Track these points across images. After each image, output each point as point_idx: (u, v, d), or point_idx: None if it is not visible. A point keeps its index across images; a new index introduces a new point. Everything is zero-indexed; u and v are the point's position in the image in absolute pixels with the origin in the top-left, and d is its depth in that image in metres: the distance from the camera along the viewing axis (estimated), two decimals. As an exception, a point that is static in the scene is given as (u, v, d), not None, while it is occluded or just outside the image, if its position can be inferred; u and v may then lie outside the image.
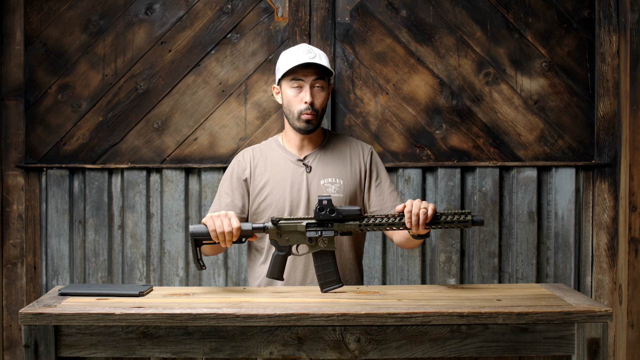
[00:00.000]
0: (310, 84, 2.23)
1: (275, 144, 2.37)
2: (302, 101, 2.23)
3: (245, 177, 2.32)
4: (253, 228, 2.06)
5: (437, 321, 1.81)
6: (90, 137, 3.15)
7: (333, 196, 2.26)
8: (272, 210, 2.28)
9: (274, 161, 2.33)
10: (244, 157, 2.35)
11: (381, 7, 3.12)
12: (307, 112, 2.23)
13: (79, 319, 1.81)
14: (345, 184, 2.30)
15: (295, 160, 2.32)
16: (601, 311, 1.82)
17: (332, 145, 2.36)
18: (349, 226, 2.03)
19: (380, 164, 2.38)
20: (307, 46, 2.27)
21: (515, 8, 3.12)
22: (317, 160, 2.32)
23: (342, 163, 2.33)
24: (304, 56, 2.22)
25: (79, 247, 3.15)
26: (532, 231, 3.12)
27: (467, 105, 3.13)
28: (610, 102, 3.12)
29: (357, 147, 2.38)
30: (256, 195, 2.30)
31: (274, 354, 1.83)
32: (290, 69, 2.23)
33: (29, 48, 3.14)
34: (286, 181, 2.29)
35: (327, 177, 2.29)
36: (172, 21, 3.13)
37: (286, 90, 2.26)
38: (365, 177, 2.34)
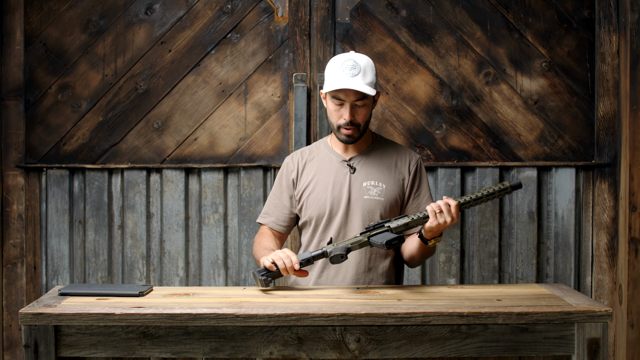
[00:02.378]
0: (352, 103, 2.23)
1: (323, 145, 2.41)
2: (341, 117, 2.24)
3: (293, 178, 2.38)
4: (313, 257, 2.10)
5: (437, 321, 1.81)
6: (90, 137, 3.15)
7: (374, 199, 2.28)
8: (315, 207, 2.31)
9: (321, 161, 2.37)
10: (292, 159, 2.41)
11: (381, 7, 3.12)
12: (347, 127, 2.25)
13: (79, 319, 1.81)
14: (387, 189, 2.31)
15: (340, 160, 2.35)
16: (601, 311, 1.82)
17: (379, 150, 2.38)
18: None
19: (424, 175, 2.39)
20: (352, 59, 2.23)
21: (515, 8, 3.12)
22: (362, 162, 2.34)
23: (386, 168, 2.34)
24: (347, 75, 2.19)
25: (79, 247, 3.15)
26: (532, 231, 3.12)
27: (467, 105, 3.13)
28: (610, 102, 3.12)
29: (405, 155, 2.38)
30: (302, 193, 2.35)
31: (274, 354, 1.83)
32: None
33: (29, 48, 3.14)
34: (329, 180, 2.32)
35: (370, 179, 2.31)
36: (172, 21, 3.14)
37: (329, 102, 2.28)
38: (407, 185, 2.35)
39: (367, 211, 2.28)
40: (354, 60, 2.22)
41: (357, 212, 2.28)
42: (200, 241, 3.14)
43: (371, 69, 2.24)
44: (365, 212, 2.28)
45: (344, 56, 2.25)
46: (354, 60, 2.22)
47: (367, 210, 2.28)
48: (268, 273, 2.08)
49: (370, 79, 2.22)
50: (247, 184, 3.12)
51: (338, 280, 2.30)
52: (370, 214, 2.28)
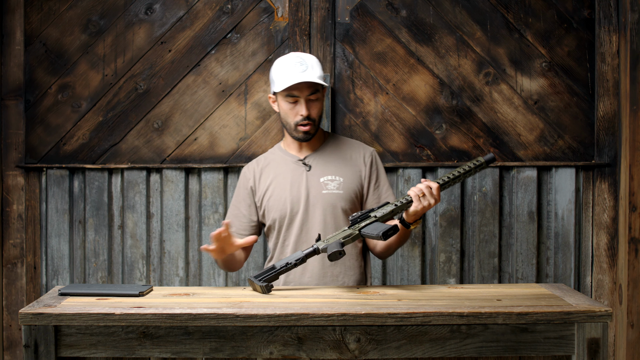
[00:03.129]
0: (306, 98, 2.26)
1: (277, 149, 2.44)
2: (298, 114, 2.28)
3: (251, 186, 2.39)
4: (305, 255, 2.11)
5: (437, 321, 1.81)
6: (90, 137, 3.15)
7: (333, 192, 2.30)
8: (276, 209, 2.32)
9: (277, 165, 2.39)
10: (248, 169, 2.43)
11: (381, 7, 3.12)
12: (304, 122, 2.28)
13: (79, 319, 1.81)
14: (345, 182, 2.33)
15: (295, 160, 2.37)
16: (601, 311, 1.82)
17: (332, 146, 2.40)
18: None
19: (381, 167, 2.41)
20: (298, 57, 2.28)
21: (515, 8, 3.12)
22: (317, 159, 2.36)
23: (342, 162, 2.36)
24: (297, 70, 2.24)
25: (79, 247, 3.15)
26: (532, 231, 3.12)
27: (467, 105, 3.13)
28: (610, 102, 3.12)
29: (359, 148, 2.41)
30: (262, 199, 2.37)
31: (274, 354, 1.83)
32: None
33: (29, 48, 3.14)
34: (286, 181, 2.34)
35: (327, 174, 2.33)
36: (172, 21, 3.13)
37: (282, 102, 2.30)
38: (365, 177, 2.37)
39: (328, 205, 2.30)
40: (300, 57, 2.27)
41: (317, 208, 2.30)
42: (200, 241, 3.14)
43: (317, 64, 2.28)
44: (325, 207, 2.30)
45: (289, 55, 2.30)
46: (301, 57, 2.27)
47: (327, 205, 2.30)
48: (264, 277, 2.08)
49: (319, 73, 2.27)
50: (247, 184, 3.11)
51: (306, 277, 2.31)
52: (331, 207, 2.30)
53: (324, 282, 2.31)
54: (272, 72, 2.32)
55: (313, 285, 2.29)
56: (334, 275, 2.32)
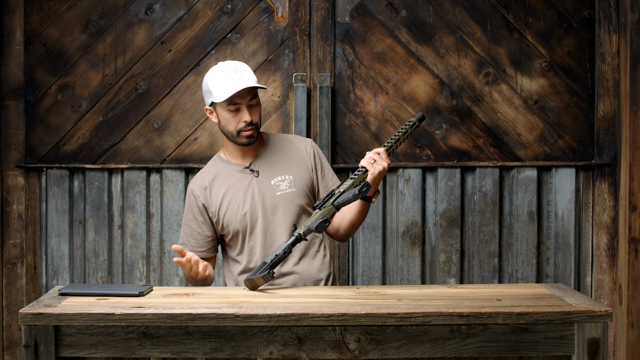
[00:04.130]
0: (247, 104, 2.27)
1: (219, 161, 2.41)
2: (241, 121, 2.27)
3: (202, 204, 2.36)
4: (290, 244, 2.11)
5: (437, 321, 1.81)
6: (90, 137, 3.15)
7: (286, 192, 2.32)
8: (235, 221, 2.32)
9: (223, 177, 2.36)
10: (194, 187, 2.39)
11: (381, 7, 3.12)
12: (247, 129, 2.27)
13: (79, 319, 1.81)
14: (295, 178, 2.34)
15: (241, 169, 2.35)
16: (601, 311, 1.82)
17: (273, 146, 2.40)
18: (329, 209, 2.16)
19: (322, 155, 2.44)
20: (232, 65, 2.28)
21: (515, 8, 3.12)
22: (262, 163, 2.36)
23: (287, 159, 2.37)
24: (234, 78, 2.24)
25: (79, 247, 3.15)
26: (532, 231, 3.12)
27: (467, 105, 3.13)
28: (610, 102, 3.12)
29: (298, 142, 2.42)
30: (217, 214, 2.34)
31: (274, 354, 1.83)
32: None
33: (29, 48, 3.14)
34: (238, 192, 2.33)
35: (276, 175, 2.34)
36: (172, 21, 3.14)
37: (222, 112, 2.28)
38: (312, 169, 2.39)
39: (285, 206, 2.31)
40: (234, 65, 2.28)
41: (276, 211, 2.31)
42: (200, 241, 3.14)
43: (250, 70, 2.30)
44: (284, 208, 2.31)
45: (221, 65, 2.29)
46: (234, 65, 2.28)
47: (285, 206, 2.31)
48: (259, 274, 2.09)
49: (254, 77, 2.28)
50: (247, 184, 3.12)
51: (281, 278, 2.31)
52: (289, 207, 2.31)
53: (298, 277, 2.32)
54: (207, 84, 2.29)
55: (289, 284, 2.30)
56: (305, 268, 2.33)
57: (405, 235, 3.13)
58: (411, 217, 3.12)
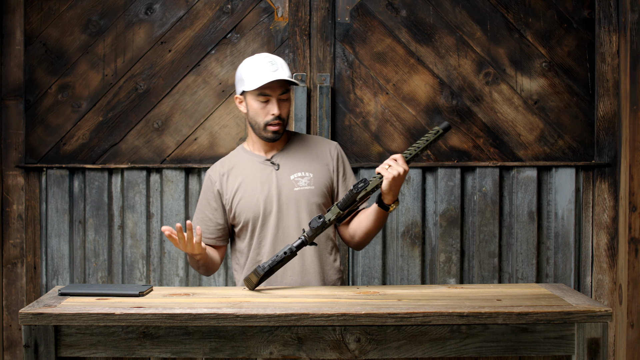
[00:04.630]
0: (277, 98, 2.26)
1: (241, 151, 2.41)
2: (269, 113, 2.27)
3: (217, 189, 2.36)
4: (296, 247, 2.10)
5: (437, 321, 1.81)
6: (90, 137, 3.15)
7: (305, 189, 2.31)
8: (248, 211, 2.30)
9: (243, 166, 2.36)
10: (213, 172, 2.39)
11: (381, 7, 3.12)
12: (275, 122, 2.27)
13: (79, 319, 1.81)
14: (315, 176, 2.33)
15: (262, 160, 2.35)
16: (601, 311, 1.82)
17: (297, 143, 2.40)
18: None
19: (346, 160, 2.43)
20: (268, 57, 2.28)
21: (515, 8, 3.12)
22: (285, 157, 2.35)
23: (309, 157, 2.36)
24: (268, 70, 2.24)
25: (79, 247, 3.15)
26: (532, 231, 3.12)
27: (467, 105, 3.13)
28: (610, 102, 3.12)
29: (323, 143, 2.41)
30: (231, 201, 2.34)
31: (274, 354, 1.83)
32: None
33: (29, 48, 3.14)
34: (256, 182, 2.32)
35: (297, 171, 2.33)
36: (172, 21, 3.14)
37: (252, 102, 2.28)
38: (333, 171, 2.38)
39: (301, 202, 2.29)
40: (270, 58, 2.28)
41: (291, 206, 2.29)
42: (200, 241, 3.14)
43: (286, 65, 2.30)
44: (299, 204, 2.29)
45: (259, 55, 2.30)
46: (270, 57, 2.28)
47: (301, 202, 2.29)
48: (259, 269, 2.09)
49: (289, 72, 2.29)
50: (247, 184, 3.11)
51: (287, 277, 2.30)
52: (305, 204, 2.29)
53: (307, 279, 2.31)
54: (240, 72, 2.30)
55: (295, 284, 2.29)
56: (316, 271, 2.31)
57: (405, 235, 3.13)
58: (411, 217, 3.13)
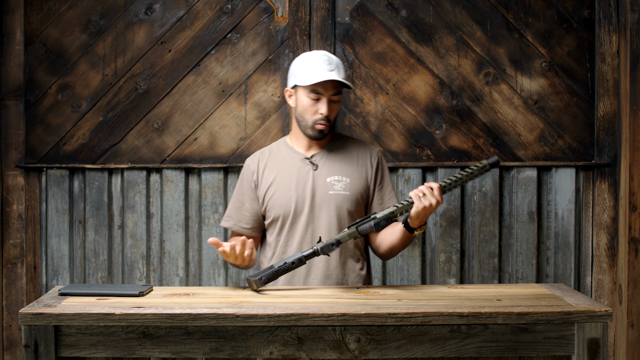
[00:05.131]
0: (328, 98, 2.23)
1: (283, 144, 2.40)
2: (317, 112, 2.24)
3: (254, 179, 2.36)
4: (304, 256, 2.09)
5: (437, 321, 1.81)
6: (90, 137, 3.15)
7: (339, 193, 2.28)
8: (279, 207, 2.29)
9: (282, 160, 2.35)
10: (252, 160, 2.39)
11: (381, 7, 3.12)
12: (322, 122, 2.24)
13: (79, 319, 1.81)
14: (352, 182, 2.31)
15: (302, 158, 2.33)
16: (601, 311, 1.82)
17: (340, 145, 2.37)
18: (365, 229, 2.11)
19: (386, 168, 2.40)
20: (326, 55, 2.25)
21: (515, 8, 3.12)
22: (324, 158, 2.33)
23: (349, 162, 2.34)
24: (325, 69, 2.21)
25: (79, 247, 3.15)
26: (532, 231, 3.12)
27: (467, 105, 3.13)
28: (610, 102, 3.12)
29: (366, 149, 2.39)
30: (265, 194, 2.33)
31: (274, 354, 1.83)
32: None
33: (29, 48, 3.14)
34: (292, 179, 2.31)
35: (334, 175, 2.30)
36: (172, 21, 3.14)
37: (302, 97, 2.26)
38: (371, 179, 2.35)
39: (334, 206, 2.27)
40: (328, 56, 2.25)
41: (323, 208, 2.28)
42: (200, 241, 3.14)
43: (343, 66, 2.28)
44: (331, 208, 2.27)
45: (317, 52, 2.27)
46: (328, 56, 2.26)
47: (333, 206, 2.27)
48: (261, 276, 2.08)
49: (345, 74, 2.26)
50: (247, 184, 3.12)
51: (310, 279, 2.29)
52: (337, 209, 2.28)
53: (329, 284, 2.30)
54: (295, 65, 2.28)
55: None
56: (339, 277, 2.30)
57: (405, 235, 3.12)
58: (411, 217, 3.12)
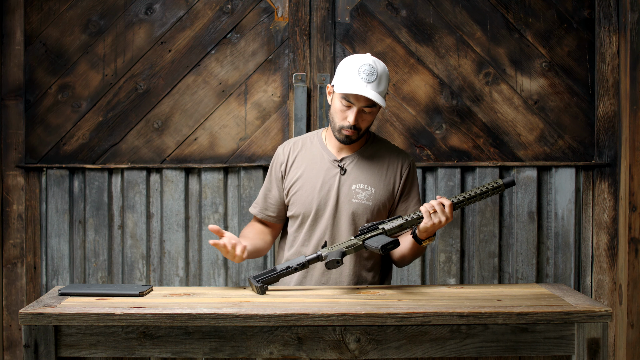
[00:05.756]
0: (359, 108, 2.20)
1: (317, 140, 2.37)
2: (346, 119, 2.21)
3: (282, 170, 2.36)
4: (308, 261, 2.10)
5: (437, 321, 1.81)
6: (90, 137, 3.15)
7: (361, 203, 2.27)
8: (301, 205, 2.29)
9: (312, 156, 2.33)
10: (283, 150, 2.38)
11: (381, 7, 3.12)
12: (348, 129, 2.22)
13: (79, 319, 1.81)
14: (376, 193, 2.28)
15: (331, 160, 2.31)
16: (601, 311, 1.82)
17: (372, 151, 2.34)
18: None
19: (415, 179, 2.36)
20: (370, 65, 2.18)
21: (515, 8, 3.12)
22: (354, 164, 2.31)
23: (377, 171, 2.31)
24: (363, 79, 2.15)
25: (79, 247, 3.15)
26: (532, 231, 3.12)
27: (467, 105, 3.13)
28: (610, 102, 3.12)
29: (398, 158, 2.35)
30: (289, 188, 2.33)
31: (274, 354, 1.83)
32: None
33: (29, 48, 3.14)
34: (318, 179, 2.29)
35: (360, 182, 2.28)
36: (172, 21, 3.14)
37: (336, 100, 2.24)
38: (397, 191, 2.32)
39: (354, 215, 2.26)
40: (372, 66, 2.18)
41: (343, 215, 2.27)
42: (200, 241, 3.14)
43: (386, 78, 2.21)
44: (351, 216, 2.26)
45: (363, 58, 2.20)
46: (372, 66, 2.18)
47: (354, 214, 2.26)
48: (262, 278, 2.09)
49: (384, 87, 2.20)
50: (247, 184, 3.12)
51: (324, 279, 2.29)
52: (357, 217, 2.26)
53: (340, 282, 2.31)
54: (340, 66, 2.24)
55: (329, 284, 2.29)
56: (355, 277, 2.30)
57: (405, 235, 3.13)
58: (411, 217, 3.12)
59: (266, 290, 2.07)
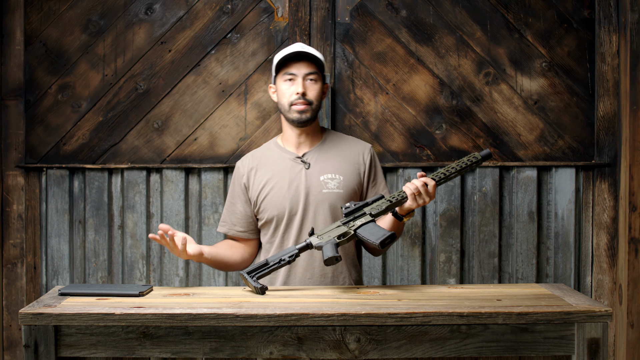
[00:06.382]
0: (303, 77, 2.26)
1: (274, 145, 2.40)
2: (293, 93, 2.25)
3: (244, 182, 2.36)
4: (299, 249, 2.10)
5: (437, 321, 1.81)
6: (90, 137, 3.15)
7: (333, 191, 2.28)
8: (273, 209, 2.29)
9: (273, 161, 2.35)
10: (242, 164, 2.39)
11: (381, 7, 3.12)
12: (299, 101, 2.25)
13: (79, 319, 1.81)
14: (345, 180, 2.31)
15: (293, 158, 2.33)
16: (601, 311, 1.82)
17: (331, 143, 2.38)
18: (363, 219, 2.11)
19: (378, 164, 2.40)
20: (301, 44, 2.32)
21: (515, 8, 3.12)
22: (316, 157, 2.33)
23: (341, 159, 2.34)
24: (296, 47, 2.29)
25: (79, 247, 3.15)
26: (532, 231, 3.12)
27: (467, 105, 3.13)
28: (610, 102, 3.12)
29: (357, 145, 2.39)
30: (257, 195, 2.33)
31: (274, 354, 1.83)
32: (284, 63, 2.27)
33: (29, 48, 3.14)
34: (285, 179, 2.30)
35: (327, 172, 2.30)
36: (172, 21, 3.14)
37: (280, 85, 2.29)
38: (364, 175, 2.35)
39: (328, 205, 2.27)
40: (302, 44, 2.33)
41: (318, 208, 2.27)
42: (200, 241, 3.14)
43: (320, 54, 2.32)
44: (326, 207, 2.27)
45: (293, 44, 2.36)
46: (302, 44, 2.34)
47: (327, 205, 2.27)
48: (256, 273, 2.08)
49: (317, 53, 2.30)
50: (247, 184, 3.12)
51: (307, 276, 2.29)
52: (331, 207, 2.27)
53: (325, 283, 2.30)
54: (274, 61, 2.33)
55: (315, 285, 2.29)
56: (337, 273, 2.31)
57: (405, 235, 3.13)
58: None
59: (266, 290, 2.07)
